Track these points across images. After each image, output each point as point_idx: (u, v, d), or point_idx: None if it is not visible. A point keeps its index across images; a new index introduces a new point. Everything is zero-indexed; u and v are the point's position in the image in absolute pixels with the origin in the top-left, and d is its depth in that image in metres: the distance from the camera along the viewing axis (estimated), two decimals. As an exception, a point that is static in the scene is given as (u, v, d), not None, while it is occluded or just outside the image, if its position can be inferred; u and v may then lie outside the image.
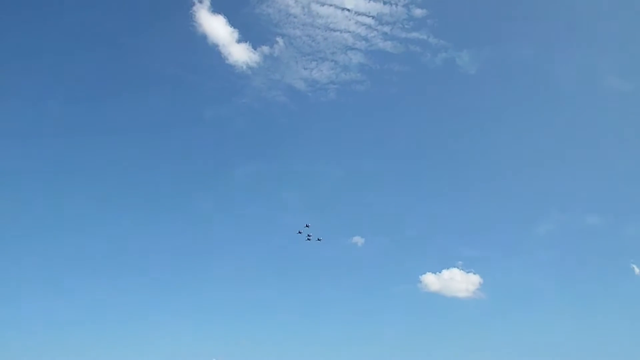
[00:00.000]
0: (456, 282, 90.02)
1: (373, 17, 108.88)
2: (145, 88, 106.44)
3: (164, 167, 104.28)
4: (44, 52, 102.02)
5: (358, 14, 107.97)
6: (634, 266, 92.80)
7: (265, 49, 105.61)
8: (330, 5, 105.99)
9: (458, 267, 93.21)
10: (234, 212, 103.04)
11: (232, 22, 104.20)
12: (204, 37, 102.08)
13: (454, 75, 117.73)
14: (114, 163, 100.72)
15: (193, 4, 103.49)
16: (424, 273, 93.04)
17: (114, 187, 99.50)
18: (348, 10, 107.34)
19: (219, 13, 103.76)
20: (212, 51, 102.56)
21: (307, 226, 73.73)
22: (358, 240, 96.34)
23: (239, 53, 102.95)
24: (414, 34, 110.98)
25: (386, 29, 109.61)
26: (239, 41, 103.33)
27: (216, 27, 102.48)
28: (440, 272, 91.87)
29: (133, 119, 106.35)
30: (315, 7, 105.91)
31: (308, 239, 73.58)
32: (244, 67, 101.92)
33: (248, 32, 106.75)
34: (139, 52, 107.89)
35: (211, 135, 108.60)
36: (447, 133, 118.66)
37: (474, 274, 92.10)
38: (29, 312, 79.22)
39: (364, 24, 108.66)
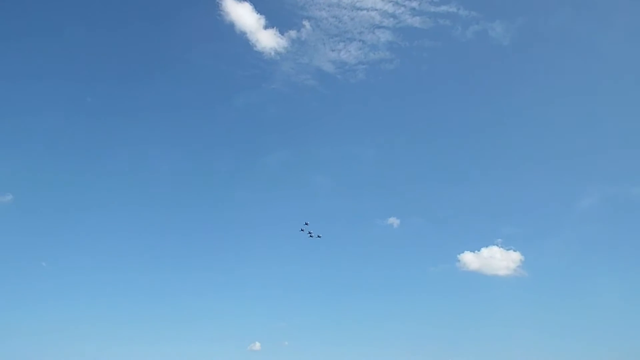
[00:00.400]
0: (496, 260, 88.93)
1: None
2: (177, 78, 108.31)
3: (197, 157, 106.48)
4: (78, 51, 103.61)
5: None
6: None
7: (292, 33, 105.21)
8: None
9: (497, 245, 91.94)
10: (268, 198, 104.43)
11: (258, 8, 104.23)
12: (231, 26, 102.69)
13: (486, 48, 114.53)
14: (146, 157, 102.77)
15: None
16: (462, 252, 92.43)
17: (146, 178, 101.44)
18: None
19: (245, 0, 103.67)
20: (240, 39, 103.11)
21: (306, 224, 75.58)
22: (394, 221, 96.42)
23: (267, 39, 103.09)
24: (443, 8, 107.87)
25: (414, 4, 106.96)
26: (265, 27, 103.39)
27: (243, 15, 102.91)
28: (479, 251, 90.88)
29: (164, 110, 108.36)
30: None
31: (310, 236, 75.36)
32: (272, 53, 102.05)
33: (274, 18, 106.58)
34: (169, 43, 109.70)
35: (242, 122, 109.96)
36: (481, 108, 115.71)
37: (515, 251, 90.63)
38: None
39: (391, 1, 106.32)
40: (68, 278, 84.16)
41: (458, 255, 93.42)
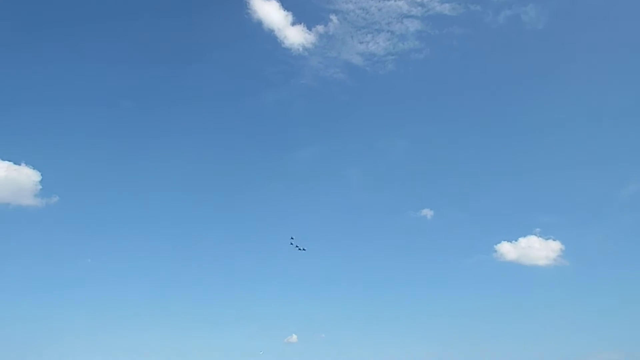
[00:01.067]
0: (535, 249, 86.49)
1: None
2: (207, 76, 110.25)
3: (228, 155, 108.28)
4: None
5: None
6: None
7: (320, 28, 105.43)
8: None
9: (536, 235, 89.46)
10: (300, 191, 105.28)
11: (285, 5, 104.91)
12: (259, 24, 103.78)
13: (520, 33, 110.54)
14: (179, 152, 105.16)
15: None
16: (499, 242, 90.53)
17: (180, 172, 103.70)
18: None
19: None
20: (268, 36, 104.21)
21: (292, 238, 75.57)
22: (427, 212, 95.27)
23: (295, 35, 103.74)
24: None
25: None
26: (293, 24, 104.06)
27: (270, 12, 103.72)
28: (516, 241, 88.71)
29: (196, 106, 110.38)
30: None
31: (298, 249, 75.63)
32: (300, 49, 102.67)
33: (301, 14, 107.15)
34: (200, 42, 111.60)
35: (272, 118, 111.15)
36: (515, 96, 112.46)
37: (554, 240, 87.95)
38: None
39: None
40: (112, 273, 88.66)
41: (495, 246, 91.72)
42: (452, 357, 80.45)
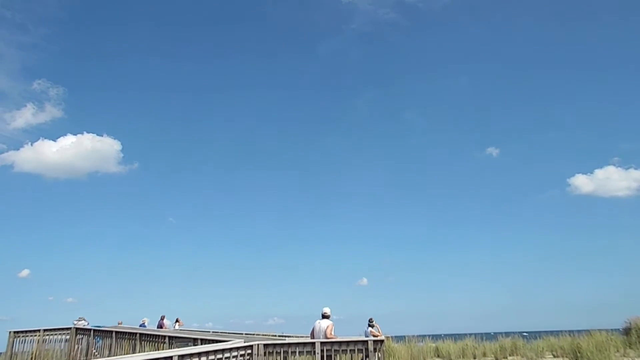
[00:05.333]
0: (613, 180, 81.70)
1: None
2: (259, 30, 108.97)
3: (288, 110, 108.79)
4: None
5: None
6: None
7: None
8: None
9: (614, 165, 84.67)
10: (361, 138, 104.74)
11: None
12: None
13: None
14: (242, 109, 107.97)
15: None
16: (573, 175, 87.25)
17: (237, 126, 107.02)
18: None
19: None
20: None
21: None
22: (492, 151, 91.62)
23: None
24: None
25: None
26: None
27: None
28: (592, 173, 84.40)
29: (250, 61, 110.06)
30: None
31: None
32: None
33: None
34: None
35: (327, 67, 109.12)
36: (582, 24, 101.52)
37: (636, 169, 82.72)
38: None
39: None
40: (192, 231, 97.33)
41: (568, 179, 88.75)
42: (527, 298, 80.00)
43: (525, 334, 18.85)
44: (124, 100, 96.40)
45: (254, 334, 17.15)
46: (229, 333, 17.91)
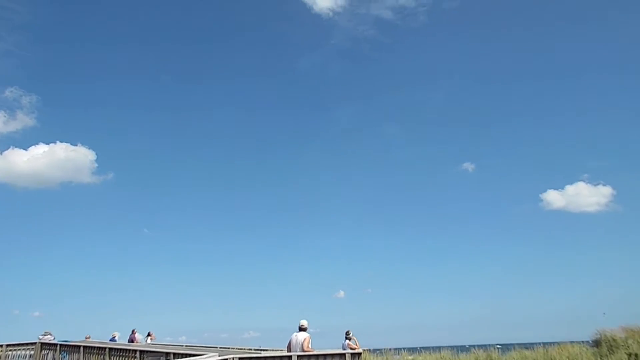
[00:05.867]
0: (583, 196, 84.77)
1: None
2: (239, 47, 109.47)
3: (267, 125, 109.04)
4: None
5: None
6: None
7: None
8: None
9: (584, 181, 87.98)
10: (340, 151, 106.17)
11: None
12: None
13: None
14: (217, 120, 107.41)
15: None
16: (545, 191, 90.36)
17: (218, 142, 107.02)
18: None
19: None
20: (296, 2, 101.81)
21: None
22: (468, 166, 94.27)
23: (323, 1, 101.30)
24: None
25: None
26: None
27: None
28: (563, 189, 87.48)
29: (231, 77, 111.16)
30: None
31: None
32: (330, 13, 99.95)
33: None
34: (232, 16, 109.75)
35: (306, 82, 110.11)
36: (560, 38, 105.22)
37: (604, 185, 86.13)
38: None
39: None
40: (166, 243, 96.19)
41: (540, 195, 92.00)
42: (501, 311, 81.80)
43: (499, 346, 19.05)
44: (100, 109, 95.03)
45: (228, 348, 16.79)
46: (203, 347, 17.48)
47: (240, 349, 16.76)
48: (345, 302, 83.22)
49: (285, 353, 10.57)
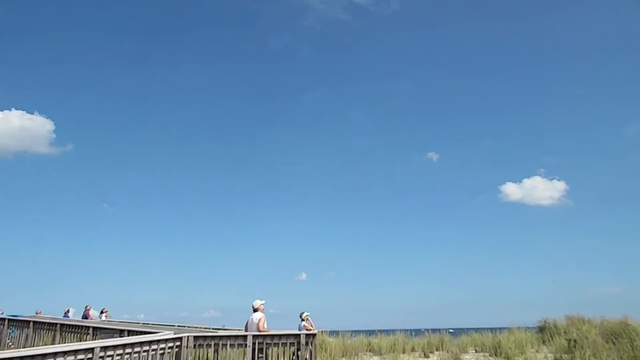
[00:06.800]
0: (539, 190, 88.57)
1: None
2: (212, 30, 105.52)
3: (230, 101, 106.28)
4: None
5: None
6: None
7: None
8: None
9: (540, 175, 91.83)
10: (305, 136, 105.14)
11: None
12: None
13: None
14: (186, 104, 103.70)
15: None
16: (504, 183, 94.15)
17: (186, 124, 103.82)
18: None
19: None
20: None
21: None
22: (432, 155, 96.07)
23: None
24: None
25: None
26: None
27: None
28: (521, 182, 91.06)
29: (200, 59, 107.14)
30: None
31: None
32: None
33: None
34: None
35: (276, 63, 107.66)
36: (526, 35, 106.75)
37: (559, 180, 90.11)
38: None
39: None
40: (127, 219, 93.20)
41: (499, 187, 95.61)
42: (456, 296, 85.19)
43: (451, 330, 19.76)
44: (60, 76, 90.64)
45: (186, 327, 16.69)
46: (159, 325, 17.31)
47: (198, 327, 16.70)
48: (307, 284, 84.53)
49: (241, 333, 10.63)
